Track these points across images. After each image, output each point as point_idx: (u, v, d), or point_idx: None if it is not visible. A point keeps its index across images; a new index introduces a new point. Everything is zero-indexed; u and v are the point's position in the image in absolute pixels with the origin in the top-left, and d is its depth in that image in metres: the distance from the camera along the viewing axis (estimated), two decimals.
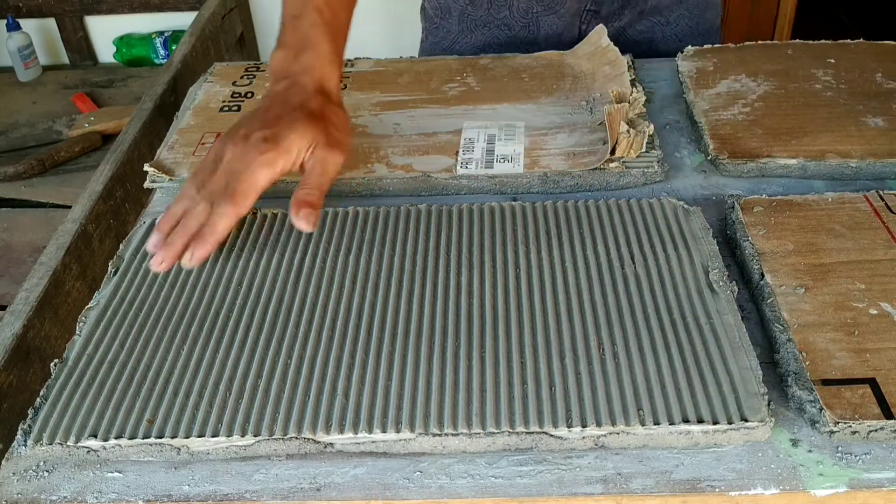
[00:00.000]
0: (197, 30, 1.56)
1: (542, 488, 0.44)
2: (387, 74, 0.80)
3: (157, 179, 0.66)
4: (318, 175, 0.58)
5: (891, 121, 0.68)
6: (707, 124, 0.68)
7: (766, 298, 0.52)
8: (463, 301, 0.52)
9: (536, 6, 0.88)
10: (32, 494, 0.45)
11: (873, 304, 0.50)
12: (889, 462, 0.44)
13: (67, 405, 0.47)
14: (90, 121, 1.67)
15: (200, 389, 0.47)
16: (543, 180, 0.65)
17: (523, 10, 0.89)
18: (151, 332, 0.52)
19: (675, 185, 0.65)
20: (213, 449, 0.45)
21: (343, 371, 0.48)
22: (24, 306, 0.84)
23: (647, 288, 0.53)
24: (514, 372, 0.47)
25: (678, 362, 0.47)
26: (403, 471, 0.45)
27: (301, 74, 0.62)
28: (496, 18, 0.90)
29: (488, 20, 0.90)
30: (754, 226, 0.57)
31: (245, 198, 0.55)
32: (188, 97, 0.78)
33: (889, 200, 0.59)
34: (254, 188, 0.56)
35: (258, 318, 0.52)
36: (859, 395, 0.45)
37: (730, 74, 0.75)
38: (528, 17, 0.89)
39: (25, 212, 1.49)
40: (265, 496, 0.44)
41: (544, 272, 0.54)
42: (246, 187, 0.55)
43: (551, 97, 0.74)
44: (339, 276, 0.55)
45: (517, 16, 0.89)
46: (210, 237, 0.55)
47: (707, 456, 0.45)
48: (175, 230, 0.56)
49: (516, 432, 0.44)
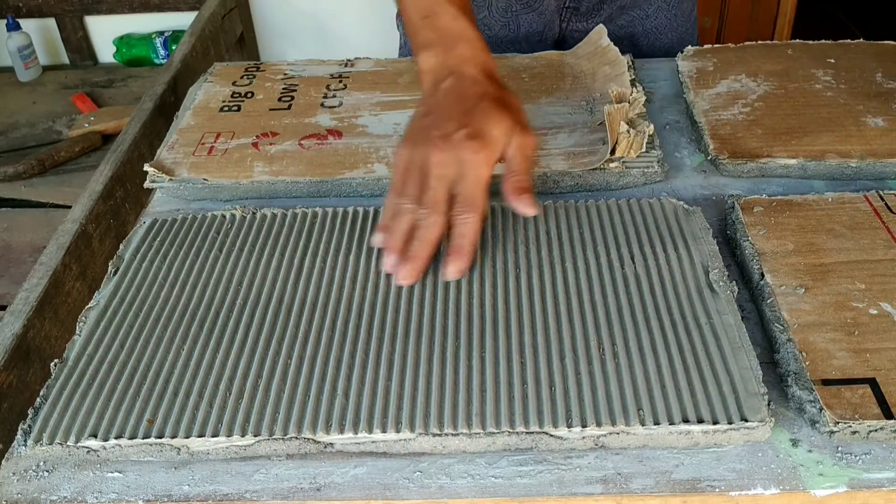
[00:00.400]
0: (197, 30, 1.56)
1: (542, 488, 0.44)
2: (387, 74, 0.80)
3: (157, 179, 0.66)
4: (520, 161, 0.57)
5: (891, 121, 0.68)
6: (707, 124, 0.68)
7: (766, 298, 0.52)
8: (463, 301, 0.52)
9: (515, 5, 0.88)
10: (32, 494, 0.45)
11: (873, 304, 0.50)
12: (889, 462, 0.44)
13: (67, 405, 0.47)
14: (90, 121, 1.67)
15: (200, 389, 0.47)
16: (543, 180, 0.65)
17: (502, 9, 0.88)
18: (151, 332, 0.52)
19: (675, 185, 0.65)
20: (213, 449, 0.45)
21: (343, 371, 0.48)
22: (24, 306, 0.84)
23: (647, 288, 0.53)
24: (514, 372, 0.47)
25: (678, 362, 0.47)
26: (403, 471, 0.45)
27: (463, 66, 0.60)
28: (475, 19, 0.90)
29: None
30: (754, 226, 0.57)
31: (480, 200, 0.55)
32: (188, 97, 0.78)
33: (889, 200, 0.59)
34: (482, 189, 0.55)
35: (258, 318, 0.52)
36: (859, 395, 0.45)
37: (730, 74, 0.75)
38: (507, 15, 0.89)
39: (25, 212, 1.50)
40: (265, 496, 0.44)
41: (544, 272, 0.54)
42: (477, 191, 0.55)
43: (551, 97, 0.74)
44: (339, 276, 0.55)
45: (496, 15, 0.89)
46: (467, 247, 0.54)
47: (707, 456, 0.45)
48: (413, 246, 0.54)
49: (516, 432, 0.44)
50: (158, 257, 0.58)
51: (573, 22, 0.89)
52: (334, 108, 0.74)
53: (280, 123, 0.72)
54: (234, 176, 0.66)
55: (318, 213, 0.61)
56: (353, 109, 0.74)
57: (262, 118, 0.73)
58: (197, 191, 0.66)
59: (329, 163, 0.67)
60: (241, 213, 0.61)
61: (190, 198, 0.67)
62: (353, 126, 0.72)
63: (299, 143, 0.70)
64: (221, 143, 0.70)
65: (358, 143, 0.69)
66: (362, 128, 0.71)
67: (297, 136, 0.71)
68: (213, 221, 0.61)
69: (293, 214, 0.61)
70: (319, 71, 0.81)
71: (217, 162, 0.68)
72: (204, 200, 0.67)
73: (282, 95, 0.77)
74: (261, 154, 0.68)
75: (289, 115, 0.74)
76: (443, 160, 0.55)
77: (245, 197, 0.66)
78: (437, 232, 0.55)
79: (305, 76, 0.80)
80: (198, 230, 0.60)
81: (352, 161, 0.67)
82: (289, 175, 0.66)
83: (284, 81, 0.79)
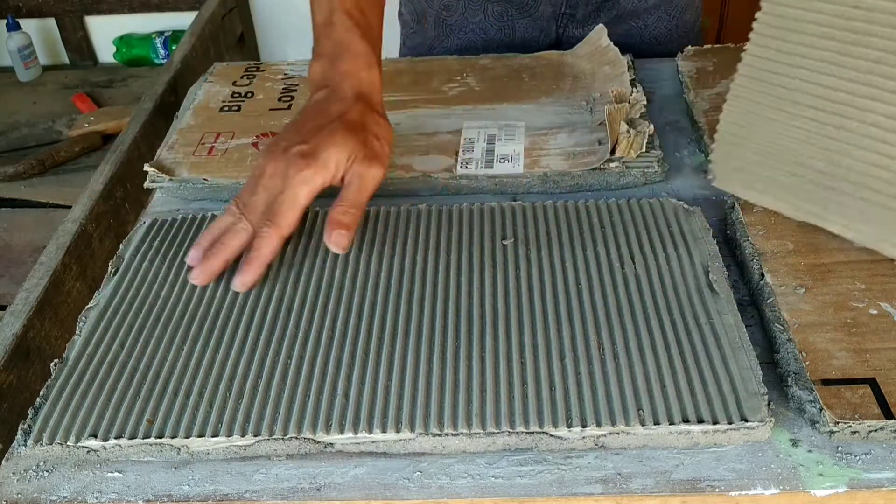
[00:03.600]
0: (197, 30, 1.56)
1: (542, 488, 0.44)
2: (387, 74, 0.79)
3: (157, 179, 0.66)
4: (355, 191, 0.56)
5: None
6: (707, 124, 0.68)
7: (766, 298, 0.52)
8: (463, 301, 0.52)
9: (510, 10, 0.88)
10: (32, 494, 0.45)
11: (873, 304, 0.50)
12: (889, 462, 0.44)
13: (67, 405, 0.47)
14: (90, 121, 1.67)
15: (200, 389, 0.47)
16: (543, 180, 0.65)
17: (498, 14, 0.88)
18: (151, 332, 0.52)
19: (675, 185, 0.65)
20: (213, 449, 0.45)
21: (343, 371, 0.48)
22: (24, 306, 0.84)
23: (647, 288, 0.53)
24: (514, 372, 0.47)
25: (678, 362, 0.47)
26: (403, 471, 0.45)
27: (340, 82, 0.60)
28: (471, 23, 0.89)
29: (463, 25, 0.90)
30: (754, 226, 0.57)
31: (285, 219, 0.54)
32: (188, 97, 0.78)
33: None
34: (294, 208, 0.54)
35: (258, 318, 0.52)
36: (859, 395, 0.45)
37: (730, 74, 0.75)
38: (502, 20, 0.88)
39: (25, 212, 1.50)
40: (265, 496, 0.44)
41: (544, 272, 0.54)
42: (286, 208, 0.54)
43: (551, 97, 0.74)
44: (339, 276, 0.55)
45: (492, 20, 0.89)
46: (256, 262, 0.54)
47: (707, 456, 0.45)
48: (215, 247, 0.55)
49: (516, 432, 0.44)
50: (158, 257, 0.58)
51: (570, 28, 0.88)
52: None
53: (280, 123, 0.72)
54: (234, 176, 0.66)
55: (319, 213, 0.61)
56: None
57: (262, 118, 0.73)
58: (197, 191, 0.66)
59: None
60: None
61: (190, 198, 0.67)
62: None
63: None
64: (221, 143, 0.70)
65: None
66: None
67: None
68: (212, 221, 0.61)
69: None
70: None
71: (217, 162, 0.68)
72: (204, 200, 0.67)
73: (282, 95, 0.77)
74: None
75: (289, 115, 0.74)
76: (272, 171, 0.55)
77: None
78: (242, 239, 0.55)
79: (305, 76, 0.80)
80: (198, 230, 0.60)
81: None
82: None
83: (284, 81, 0.79)
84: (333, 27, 0.63)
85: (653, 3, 0.88)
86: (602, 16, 0.88)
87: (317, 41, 0.64)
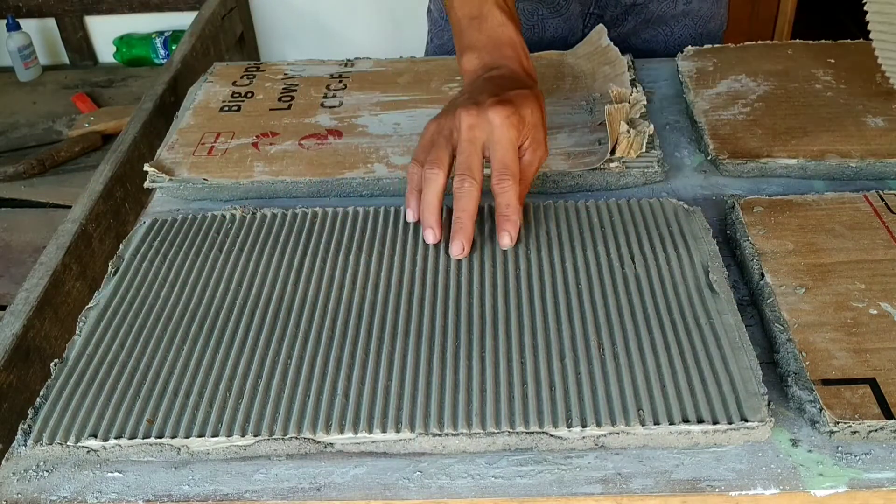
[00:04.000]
0: (197, 30, 1.56)
1: (541, 488, 0.44)
2: (387, 74, 0.80)
3: (157, 179, 0.66)
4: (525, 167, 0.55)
5: (891, 121, 0.68)
6: (707, 124, 0.68)
7: (766, 298, 0.52)
8: (463, 301, 0.52)
9: (542, 9, 0.88)
10: (32, 494, 0.45)
11: (873, 304, 0.50)
12: (889, 462, 0.44)
13: (67, 405, 0.47)
14: (90, 121, 1.67)
15: (200, 389, 0.47)
16: (543, 180, 0.65)
17: (528, 13, 0.88)
18: (151, 332, 0.52)
19: (675, 185, 0.65)
20: (213, 449, 0.45)
21: (343, 371, 0.48)
22: (24, 306, 0.84)
23: (647, 288, 0.53)
24: (514, 372, 0.47)
25: (678, 362, 0.47)
26: (403, 471, 0.45)
27: (508, 64, 0.61)
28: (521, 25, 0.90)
29: None
30: (754, 226, 0.57)
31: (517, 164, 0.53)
32: (188, 97, 0.78)
33: (889, 200, 0.59)
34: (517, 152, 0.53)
35: (258, 318, 0.52)
36: (859, 395, 0.45)
37: (730, 74, 0.75)
38: (533, 19, 0.89)
39: (25, 212, 1.50)
40: (265, 496, 0.44)
41: (544, 272, 0.54)
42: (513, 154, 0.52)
43: (551, 97, 0.74)
44: (339, 276, 0.55)
45: (522, 18, 0.89)
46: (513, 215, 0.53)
47: (707, 456, 0.45)
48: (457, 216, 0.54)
49: (516, 432, 0.44)
50: (158, 257, 0.58)
51: None
52: (334, 108, 0.74)
53: (280, 123, 0.72)
54: (234, 176, 0.66)
55: (318, 213, 0.61)
56: (352, 109, 0.74)
57: (262, 118, 0.73)
58: (197, 191, 0.66)
59: (329, 163, 0.67)
60: (241, 213, 0.61)
61: (190, 198, 0.67)
62: (353, 126, 0.72)
63: (299, 143, 0.70)
64: (221, 143, 0.70)
65: (358, 143, 0.69)
66: (362, 128, 0.71)
67: (297, 136, 0.71)
68: (213, 221, 0.61)
69: (293, 214, 0.61)
70: (319, 71, 0.81)
71: (217, 162, 0.68)
72: (204, 200, 0.67)
73: (282, 95, 0.77)
74: (261, 154, 0.68)
75: (289, 115, 0.74)
76: (473, 123, 0.53)
77: (245, 197, 0.66)
78: (476, 199, 0.53)
79: (305, 76, 0.80)
80: (198, 230, 0.60)
81: (352, 161, 0.67)
82: (289, 175, 0.66)
83: (284, 81, 0.79)
84: (485, 21, 0.63)
85: (681, 10, 0.89)
86: (630, 19, 0.88)
87: (463, 32, 0.63)
